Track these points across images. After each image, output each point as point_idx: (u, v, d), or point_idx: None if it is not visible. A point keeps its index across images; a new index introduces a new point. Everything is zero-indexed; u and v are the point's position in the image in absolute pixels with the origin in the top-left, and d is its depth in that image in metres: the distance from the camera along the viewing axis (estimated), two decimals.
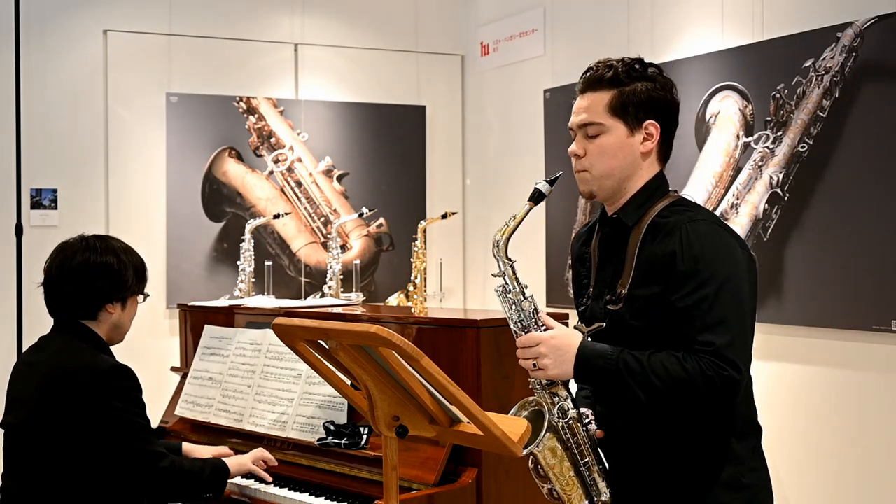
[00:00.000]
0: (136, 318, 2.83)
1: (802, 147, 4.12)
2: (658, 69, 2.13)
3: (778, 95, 4.20)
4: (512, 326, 2.12)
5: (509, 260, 2.17)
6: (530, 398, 2.13)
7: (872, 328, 3.83)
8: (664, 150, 2.15)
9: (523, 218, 2.16)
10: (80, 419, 2.52)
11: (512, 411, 2.12)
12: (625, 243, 2.10)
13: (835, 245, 3.95)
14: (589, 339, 2.08)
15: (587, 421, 2.11)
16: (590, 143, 2.12)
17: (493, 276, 2.14)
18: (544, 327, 2.10)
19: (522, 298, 2.12)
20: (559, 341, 2.05)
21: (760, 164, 4.29)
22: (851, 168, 3.93)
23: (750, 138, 4.34)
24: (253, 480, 3.03)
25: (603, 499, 2.10)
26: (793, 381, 4.16)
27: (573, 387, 2.16)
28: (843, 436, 3.99)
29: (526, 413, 2.11)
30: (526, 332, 2.09)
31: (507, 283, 2.14)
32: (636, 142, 2.10)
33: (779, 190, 4.20)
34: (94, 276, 2.66)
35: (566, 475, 2.09)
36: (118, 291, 2.70)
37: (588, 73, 2.14)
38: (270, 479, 3.00)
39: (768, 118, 4.25)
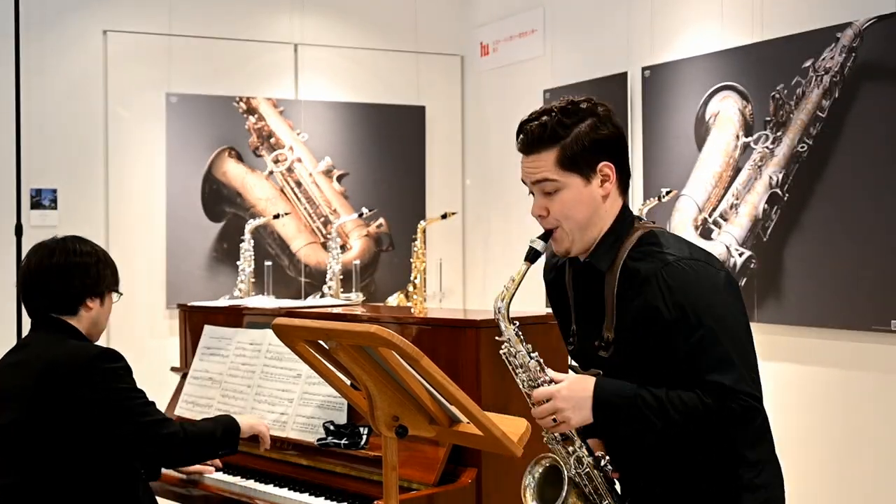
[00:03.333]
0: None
1: (802, 147, 4.12)
2: (590, 100, 2.08)
3: (777, 96, 4.20)
4: (522, 388, 2.09)
5: (513, 324, 2.11)
6: (544, 456, 2.11)
7: (872, 328, 3.83)
8: (623, 182, 2.10)
9: (521, 279, 2.12)
10: (78, 407, 2.53)
11: (528, 470, 2.12)
12: (600, 288, 2.08)
13: (835, 245, 3.95)
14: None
15: (603, 464, 2.10)
16: (551, 202, 2.08)
17: (497, 339, 2.09)
18: (553, 383, 2.06)
19: (528, 360, 2.07)
20: (571, 390, 2.01)
21: (760, 164, 4.29)
22: (851, 168, 3.93)
23: (749, 138, 4.34)
24: (252, 480, 3.03)
25: None
26: (792, 380, 4.16)
27: None
28: (843, 435, 3.99)
29: (541, 470, 2.11)
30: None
31: (511, 347, 2.08)
32: (594, 188, 2.05)
33: (778, 190, 4.20)
34: (74, 273, 2.69)
35: None
36: (97, 286, 2.72)
37: (522, 136, 2.10)
38: (268, 445, 3.01)
39: (768, 118, 4.25)
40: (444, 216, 4.09)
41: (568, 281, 2.22)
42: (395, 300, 4.79)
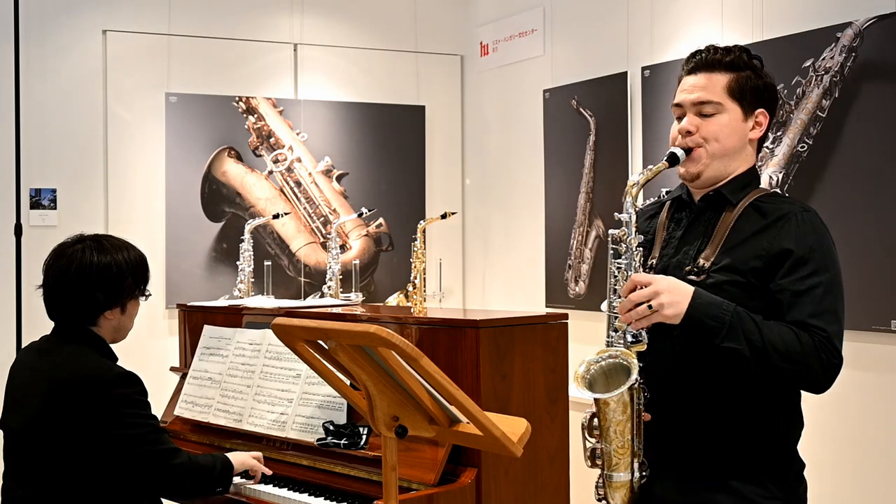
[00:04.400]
0: (135, 318, 2.83)
1: (802, 147, 4.12)
2: (760, 62, 2.18)
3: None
4: (616, 274, 2.07)
5: (637, 207, 2.13)
6: (616, 351, 2.05)
7: (872, 328, 3.83)
8: (761, 144, 2.22)
9: (655, 174, 2.13)
10: (88, 427, 2.51)
11: (592, 358, 2.05)
12: (714, 220, 2.14)
13: (835, 245, 3.95)
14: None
15: (642, 398, 2.08)
16: (704, 122, 2.13)
17: (617, 216, 2.11)
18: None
19: (636, 248, 2.08)
20: (672, 282, 2.01)
21: (760, 164, 4.29)
22: (851, 168, 3.93)
23: None
24: (252, 481, 3.03)
25: (636, 476, 2.08)
26: None
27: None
28: (843, 436, 3.99)
29: (606, 362, 2.04)
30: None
31: (627, 229, 2.08)
32: (748, 127, 2.15)
33: (778, 190, 4.20)
34: (91, 285, 2.64)
35: (624, 437, 2.05)
36: (116, 298, 2.69)
37: (701, 55, 2.16)
38: (270, 472, 3.01)
39: None
40: (444, 216, 4.09)
41: (661, 221, 2.26)
42: (394, 300, 4.79)
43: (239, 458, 2.96)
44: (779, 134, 4.21)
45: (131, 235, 4.09)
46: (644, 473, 2.08)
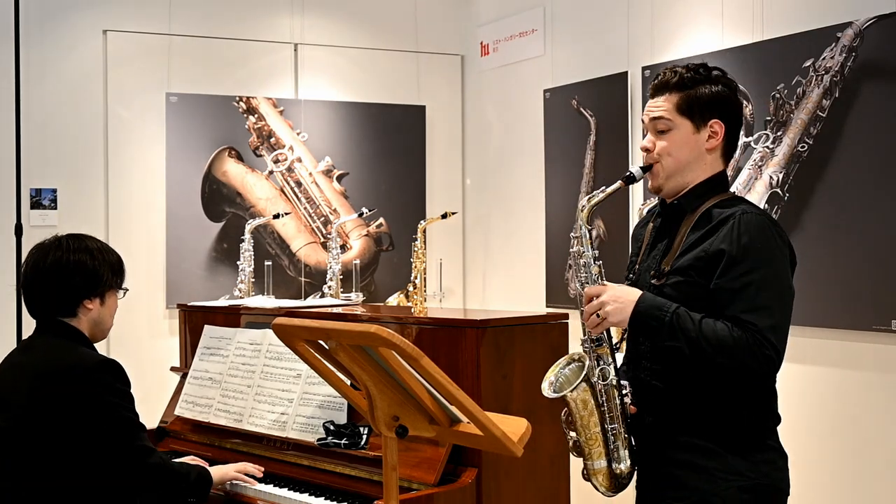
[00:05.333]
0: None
1: (802, 147, 4.12)
2: (721, 71, 2.33)
3: (778, 95, 4.20)
4: (577, 286, 2.33)
5: (589, 225, 2.36)
6: (576, 354, 2.33)
7: (872, 328, 3.83)
8: (728, 149, 2.34)
9: (612, 193, 2.35)
10: (71, 416, 2.51)
11: (558, 363, 2.32)
12: (678, 227, 2.31)
13: (835, 245, 3.95)
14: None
15: (624, 392, 2.30)
16: (659, 139, 2.32)
17: (571, 235, 2.34)
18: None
19: (592, 263, 2.32)
20: (619, 291, 2.25)
21: (760, 164, 4.29)
22: (851, 168, 3.93)
23: (750, 138, 4.34)
24: (252, 480, 3.02)
25: (622, 466, 2.28)
26: (793, 380, 4.15)
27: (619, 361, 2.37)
28: (843, 436, 3.99)
29: (571, 365, 2.31)
30: None
31: (581, 246, 2.33)
32: (701, 139, 2.30)
33: (778, 190, 4.20)
34: (68, 274, 2.67)
35: (591, 430, 2.27)
36: (94, 286, 2.69)
37: (656, 79, 2.36)
38: (259, 476, 3.01)
39: (768, 118, 4.25)
40: (444, 216, 4.09)
41: (649, 228, 2.45)
42: (395, 300, 4.79)
43: (220, 472, 2.94)
44: (779, 134, 4.21)
45: (132, 235, 4.09)
46: (622, 466, 2.28)
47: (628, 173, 2.34)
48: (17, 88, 5.12)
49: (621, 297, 2.22)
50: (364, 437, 2.87)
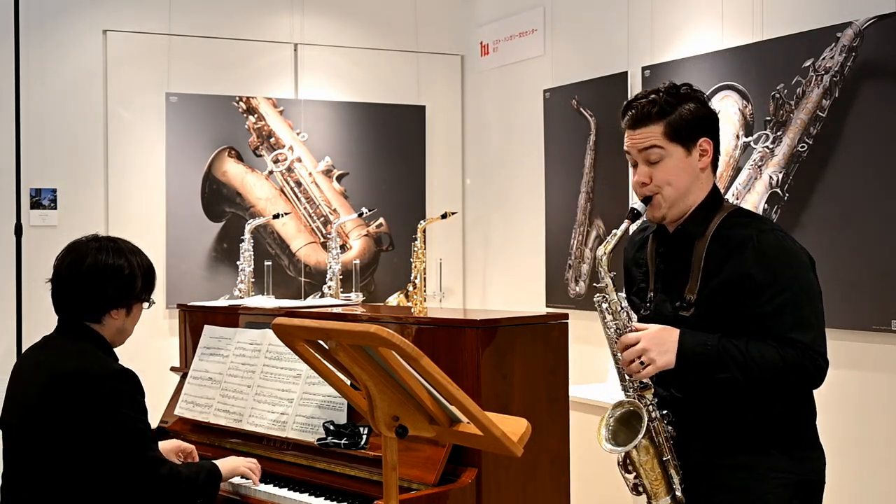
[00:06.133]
0: (136, 324, 2.84)
1: (802, 147, 4.12)
2: (689, 86, 2.33)
3: (777, 95, 4.20)
4: (609, 335, 2.28)
5: (611, 272, 2.31)
6: (624, 399, 2.31)
7: (872, 328, 3.83)
8: (715, 161, 2.34)
9: (623, 235, 2.30)
10: (83, 422, 2.51)
11: (608, 413, 2.29)
12: (687, 254, 2.28)
13: (835, 245, 3.95)
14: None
15: (667, 421, 2.29)
16: (654, 170, 2.29)
17: (595, 286, 2.33)
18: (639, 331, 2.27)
19: (620, 309, 2.28)
20: (658, 334, 2.21)
21: (760, 164, 4.29)
22: (851, 168, 3.93)
23: (749, 138, 4.34)
24: (252, 481, 3.02)
25: (677, 493, 2.29)
26: None
27: None
28: (843, 435, 3.99)
29: (621, 411, 2.28)
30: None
31: (607, 295, 2.29)
32: (694, 160, 2.28)
33: (778, 190, 4.20)
34: (103, 281, 2.65)
35: (655, 471, 2.28)
36: (125, 298, 2.70)
37: (632, 111, 2.33)
38: (257, 480, 3.00)
39: (768, 118, 4.25)
40: (444, 216, 4.08)
41: (650, 252, 2.41)
42: (395, 300, 4.78)
43: (229, 466, 2.93)
44: (779, 134, 4.21)
45: (131, 235, 4.08)
46: (678, 493, 2.29)
47: (632, 210, 2.31)
48: (17, 88, 5.12)
49: (663, 340, 2.20)
50: (364, 437, 2.87)
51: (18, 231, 5.07)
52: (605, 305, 2.28)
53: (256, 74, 5.78)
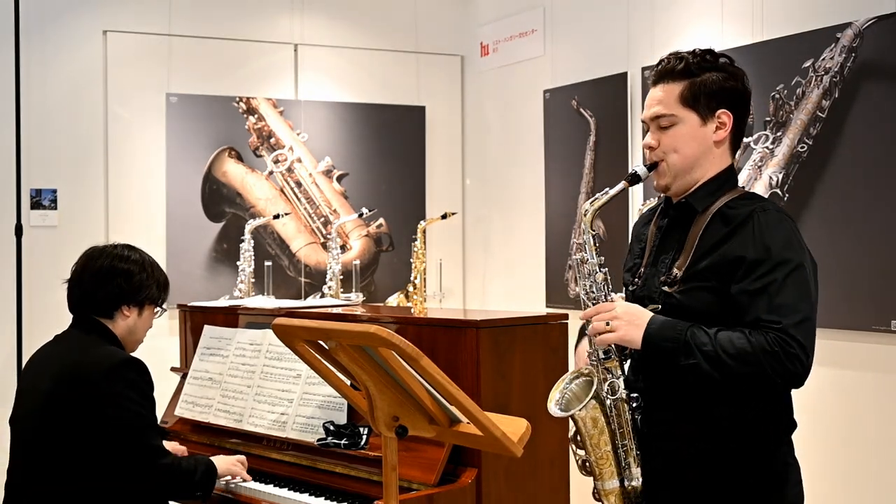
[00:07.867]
0: (147, 329, 2.89)
1: (802, 147, 4.12)
2: (729, 59, 2.17)
3: (777, 96, 4.20)
4: (583, 297, 2.19)
5: (593, 230, 2.21)
6: (584, 368, 2.20)
7: (872, 328, 3.83)
8: (735, 141, 2.20)
9: (616, 195, 2.19)
10: (91, 410, 2.55)
11: (563, 378, 2.19)
12: (688, 228, 2.15)
13: (835, 245, 3.95)
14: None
15: (634, 405, 2.16)
16: (663, 135, 2.16)
17: (574, 241, 2.19)
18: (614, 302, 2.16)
19: (597, 271, 2.18)
20: (632, 309, 2.11)
21: (760, 164, 4.29)
22: (851, 168, 3.93)
23: (749, 139, 4.34)
24: (252, 480, 3.03)
25: (633, 484, 2.15)
26: None
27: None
28: (843, 436, 3.99)
29: (578, 380, 2.18)
30: (595, 304, 2.16)
31: (585, 253, 2.19)
32: (709, 131, 2.15)
33: (778, 190, 4.20)
34: (116, 276, 2.76)
35: (602, 448, 2.15)
36: (136, 294, 2.78)
37: (660, 65, 2.20)
38: (249, 478, 3.01)
39: (768, 118, 4.25)
40: (444, 216, 4.09)
41: (653, 227, 2.29)
42: (395, 300, 4.79)
43: (224, 465, 2.96)
44: (779, 134, 4.21)
45: (132, 236, 4.10)
46: (634, 484, 2.14)
47: (632, 172, 2.17)
48: (17, 88, 5.12)
49: (635, 316, 2.08)
50: (364, 437, 2.87)
51: (19, 231, 5.07)
52: (581, 266, 2.19)
53: (256, 75, 5.78)
